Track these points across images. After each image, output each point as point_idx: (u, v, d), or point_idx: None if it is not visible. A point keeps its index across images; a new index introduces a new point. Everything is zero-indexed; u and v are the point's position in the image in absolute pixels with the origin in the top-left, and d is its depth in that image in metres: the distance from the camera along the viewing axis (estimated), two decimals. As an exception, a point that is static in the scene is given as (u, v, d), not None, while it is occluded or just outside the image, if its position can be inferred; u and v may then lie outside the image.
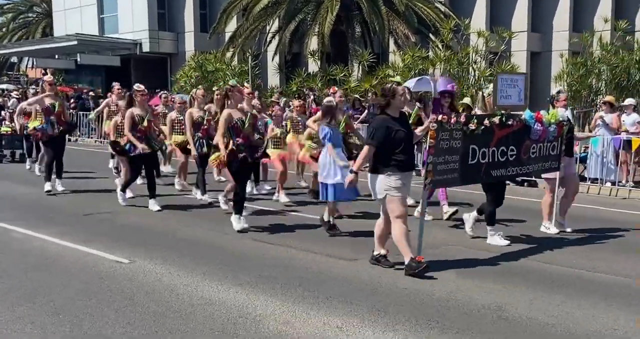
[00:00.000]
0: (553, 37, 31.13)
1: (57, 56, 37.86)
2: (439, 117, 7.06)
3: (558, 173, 8.74)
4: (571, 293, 6.20)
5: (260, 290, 6.14)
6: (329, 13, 23.69)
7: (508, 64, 20.12)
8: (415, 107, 9.76)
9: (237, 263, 7.14)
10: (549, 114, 8.27)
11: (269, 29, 27.51)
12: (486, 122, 7.45)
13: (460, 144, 7.25)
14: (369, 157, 6.69)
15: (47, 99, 11.44)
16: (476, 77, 19.29)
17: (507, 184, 8.82)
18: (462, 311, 5.64)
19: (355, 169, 6.78)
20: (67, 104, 12.28)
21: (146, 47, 34.51)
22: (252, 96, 10.92)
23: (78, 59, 34.01)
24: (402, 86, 6.85)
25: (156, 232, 8.80)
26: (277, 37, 27.18)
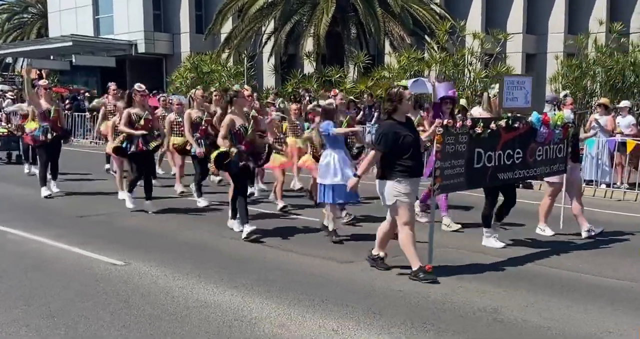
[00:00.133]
0: (548, 39, 31.17)
1: (52, 57, 37.80)
2: (445, 121, 6.96)
3: (564, 176, 8.67)
4: (571, 296, 6.21)
5: (256, 293, 6.14)
6: (325, 14, 23.70)
7: (503, 65, 20.16)
8: (418, 116, 9.55)
9: (233, 266, 7.13)
10: (555, 116, 8.21)
11: (265, 30, 27.49)
12: (492, 125, 7.37)
13: (466, 148, 7.15)
14: (374, 162, 6.61)
15: (44, 103, 11.37)
16: (471, 79, 19.30)
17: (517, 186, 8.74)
18: (457, 313, 5.65)
19: (359, 173, 6.70)
20: (62, 105, 12.20)
21: (141, 48, 34.49)
22: (251, 98, 10.86)
23: (73, 60, 33.95)
24: (408, 91, 6.76)
25: (152, 234, 8.80)
26: (272, 39, 27.17)
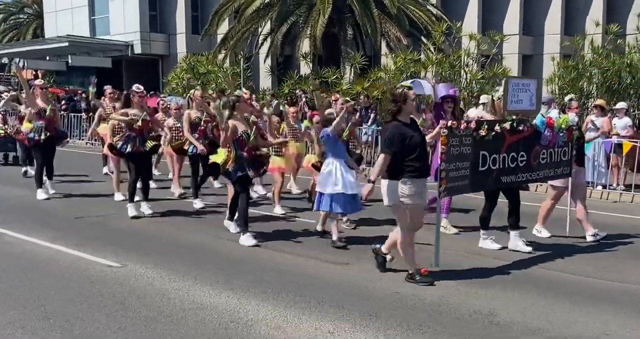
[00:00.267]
0: (544, 40, 31.23)
1: (48, 58, 37.76)
2: (449, 122, 6.92)
3: (569, 180, 8.61)
4: (570, 299, 6.21)
5: (252, 295, 6.13)
6: (321, 15, 23.67)
7: (500, 67, 20.15)
8: (420, 119, 9.43)
9: (230, 267, 7.12)
10: (559, 119, 8.16)
11: (261, 31, 27.48)
12: (497, 128, 7.33)
13: (471, 150, 7.12)
14: (385, 166, 6.44)
15: (39, 102, 11.34)
16: (468, 80, 19.30)
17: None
18: (454, 315, 5.65)
19: (372, 179, 6.44)
20: (58, 106, 12.14)
21: (138, 49, 34.47)
22: (250, 100, 10.77)
23: (69, 61, 33.94)
24: (412, 91, 6.63)
25: (148, 236, 8.78)
26: (269, 40, 27.15)
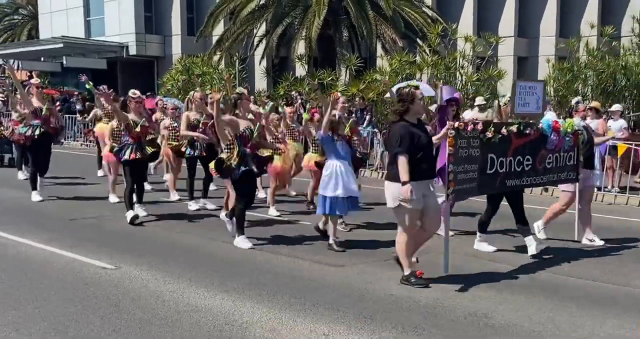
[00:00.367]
0: (540, 43, 31.29)
1: (42, 59, 37.67)
2: (456, 124, 6.86)
3: (577, 185, 8.51)
4: (565, 301, 6.20)
5: (247, 297, 6.11)
6: (317, 17, 23.69)
7: (495, 69, 20.20)
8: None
9: (225, 270, 7.11)
10: (565, 122, 8.09)
11: (256, 33, 27.48)
12: (504, 130, 7.28)
13: (479, 152, 7.08)
14: (407, 164, 6.26)
15: (35, 101, 11.29)
16: (463, 82, 19.34)
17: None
18: (449, 318, 5.64)
19: (405, 179, 6.24)
20: (53, 106, 12.09)
21: (133, 50, 34.44)
22: (248, 101, 10.64)
23: (64, 62, 33.86)
24: (419, 91, 6.53)
25: (142, 238, 8.76)
26: (264, 41, 27.17)
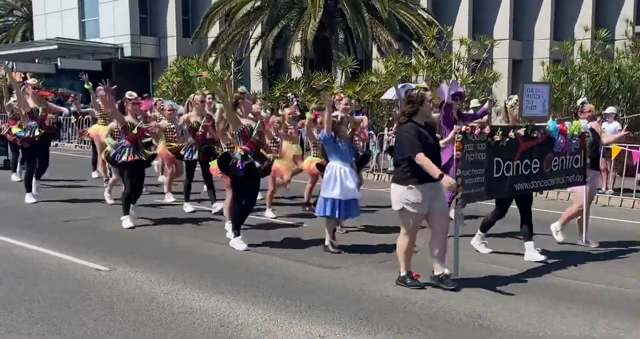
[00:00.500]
0: (534, 45, 31.37)
1: (37, 60, 37.51)
2: (463, 127, 6.82)
3: (586, 187, 8.45)
4: (560, 302, 6.19)
5: (242, 298, 6.09)
6: (312, 19, 23.69)
7: (490, 71, 20.23)
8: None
9: (220, 271, 7.08)
10: (572, 125, 8.03)
11: (252, 35, 27.46)
12: (511, 134, 7.23)
13: (485, 156, 7.03)
14: (428, 159, 6.15)
15: (31, 102, 11.23)
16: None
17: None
18: (444, 319, 5.63)
19: (438, 173, 6.11)
20: (51, 106, 12.04)
21: (128, 52, 34.33)
22: (251, 102, 10.41)
23: (58, 64, 33.72)
24: (429, 93, 6.44)
25: (137, 239, 8.72)
26: (260, 43, 27.13)
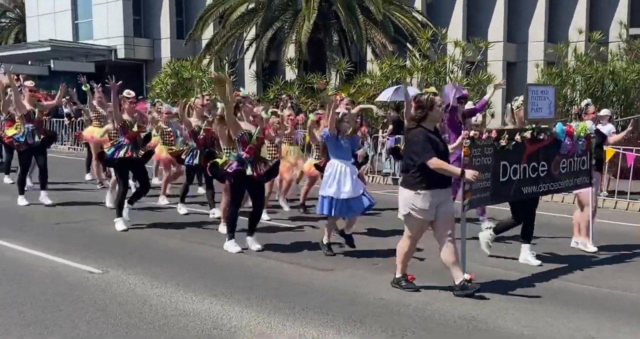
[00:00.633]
0: (528, 48, 31.50)
1: (30, 62, 37.40)
2: (471, 133, 6.77)
3: (592, 189, 8.44)
4: (555, 304, 6.18)
5: (236, 301, 6.06)
6: (307, 21, 23.70)
7: (484, 74, 20.28)
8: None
9: (213, 274, 7.05)
10: (578, 126, 7.99)
11: (246, 37, 27.47)
12: (517, 137, 7.20)
13: (491, 160, 6.99)
14: (441, 161, 6.15)
15: (27, 104, 11.18)
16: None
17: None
18: (438, 321, 5.61)
19: (459, 170, 6.21)
20: (45, 105, 11.95)
21: (121, 54, 34.26)
22: (252, 106, 10.29)
23: (51, 65, 33.62)
24: (438, 97, 6.36)
25: (130, 242, 8.68)
26: (254, 45, 27.13)
